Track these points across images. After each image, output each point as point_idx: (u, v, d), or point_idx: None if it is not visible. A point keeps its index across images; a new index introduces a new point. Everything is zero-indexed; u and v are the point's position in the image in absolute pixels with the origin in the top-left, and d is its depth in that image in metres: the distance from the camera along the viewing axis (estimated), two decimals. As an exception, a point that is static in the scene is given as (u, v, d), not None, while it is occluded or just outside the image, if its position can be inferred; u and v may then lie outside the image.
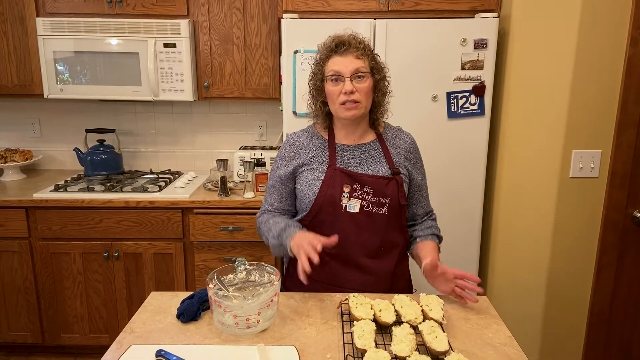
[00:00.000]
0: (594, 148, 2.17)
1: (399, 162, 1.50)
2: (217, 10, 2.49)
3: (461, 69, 2.19)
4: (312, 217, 1.47)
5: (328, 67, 1.42)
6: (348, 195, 1.43)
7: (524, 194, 2.25)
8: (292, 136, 1.56)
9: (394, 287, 1.52)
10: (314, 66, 1.49)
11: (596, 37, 2.06)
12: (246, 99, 2.61)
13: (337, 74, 1.40)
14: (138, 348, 1.17)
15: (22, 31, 2.51)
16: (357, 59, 1.40)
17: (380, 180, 1.44)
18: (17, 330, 2.53)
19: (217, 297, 1.23)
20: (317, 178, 1.46)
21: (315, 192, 1.44)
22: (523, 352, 1.19)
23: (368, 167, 1.47)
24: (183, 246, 2.44)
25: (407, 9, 2.30)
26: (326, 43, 1.45)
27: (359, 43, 1.42)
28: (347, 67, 1.39)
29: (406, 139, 1.56)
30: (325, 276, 1.46)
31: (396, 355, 1.10)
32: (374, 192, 1.43)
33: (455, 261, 2.35)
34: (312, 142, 1.51)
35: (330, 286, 1.47)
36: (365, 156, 1.48)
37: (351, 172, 1.44)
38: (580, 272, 2.29)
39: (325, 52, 1.44)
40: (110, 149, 2.76)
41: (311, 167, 1.48)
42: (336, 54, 1.42)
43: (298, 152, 1.51)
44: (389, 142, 1.52)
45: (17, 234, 2.40)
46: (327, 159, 1.47)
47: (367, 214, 1.44)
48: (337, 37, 1.43)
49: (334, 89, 1.41)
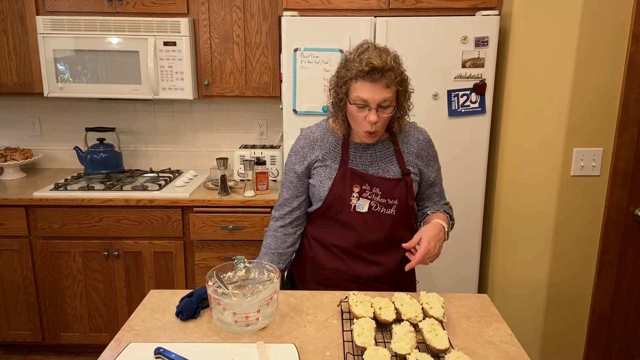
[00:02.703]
0: (595, 146, 2.16)
1: (410, 161, 1.51)
2: (217, 8, 2.49)
3: (462, 67, 2.18)
4: (322, 213, 1.51)
5: (356, 90, 1.36)
6: (357, 195, 1.46)
7: (525, 192, 2.24)
8: (306, 131, 1.55)
9: (399, 279, 1.55)
10: (339, 76, 1.41)
11: (597, 35, 2.06)
12: (246, 97, 2.61)
13: (365, 102, 1.36)
14: (137, 346, 1.17)
15: (22, 29, 2.50)
16: (386, 88, 1.35)
17: (390, 182, 1.46)
18: (17, 329, 2.52)
19: (216, 294, 1.22)
20: (328, 176, 1.48)
21: (326, 190, 1.47)
22: (524, 350, 1.19)
23: (379, 166, 1.48)
24: (183, 245, 2.44)
25: (407, 7, 2.30)
26: (359, 61, 1.34)
27: (390, 70, 1.34)
28: (375, 97, 1.34)
29: (419, 136, 1.54)
30: (336, 265, 1.52)
31: (396, 353, 1.09)
32: (382, 193, 1.46)
33: (456, 260, 2.34)
34: (325, 138, 1.51)
35: (340, 274, 1.52)
36: (377, 155, 1.49)
37: (362, 172, 1.46)
38: (581, 270, 2.28)
39: (356, 72, 1.35)
40: (110, 148, 2.76)
41: (324, 164, 1.49)
42: (367, 79, 1.34)
43: (312, 148, 1.51)
44: (402, 141, 1.52)
45: (17, 232, 2.40)
46: (339, 157, 1.48)
47: (375, 214, 1.46)
48: (371, 62, 1.32)
49: (358, 114, 1.38)
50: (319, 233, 1.54)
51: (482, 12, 2.20)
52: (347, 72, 1.37)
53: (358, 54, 1.37)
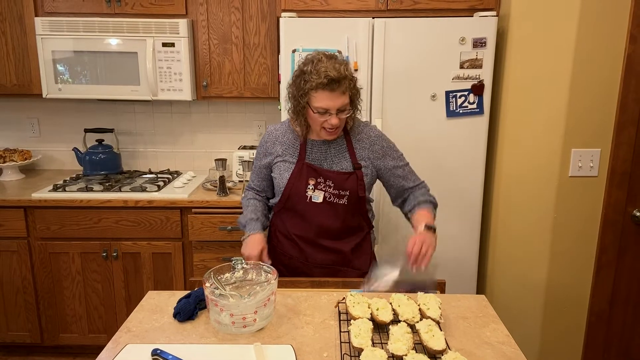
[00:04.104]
0: (593, 147, 2.17)
1: (363, 155, 1.64)
2: (216, 9, 2.49)
3: (460, 67, 2.18)
4: (282, 204, 1.68)
5: (316, 100, 1.50)
6: (313, 188, 1.62)
7: (523, 193, 2.25)
8: (270, 128, 1.73)
9: (354, 264, 1.69)
10: (298, 88, 1.54)
11: (595, 35, 2.06)
12: (245, 98, 2.61)
13: (326, 110, 1.51)
14: (134, 347, 1.17)
15: (20, 31, 2.51)
16: (343, 95, 1.51)
17: (341, 176, 1.61)
18: (15, 330, 2.52)
19: (213, 296, 1.22)
20: (287, 170, 1.64)
21: (284, 182, 1.63)
22: (521, 351, 1.19)
23: (333, 161, 1.63)
24: (182, 246, 2.44)
25: (405, 8, 2.30)
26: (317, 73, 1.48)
27: (345, 78, 1.50)
28: (335, 104, 1.50)
29: (370, 133, 1.67)
30: (295, 252, 1.69)
31: (393, 354, 1.09)
32: (335, 185, 1.61)
33: (455, 260, 2.34)
34: (286, 135, 1.68)
35: (299, 261, 1.69)
36: (332, 152, 1.64)
37: (317, 167, 1.62)
38: (579, 271, 2.28)
39: (315, 84, 1.48)
40: (109, 149, 2.76)
41: (284, 159, 1.65)
42: (326, 89, 1.48)
43: (273, 144, 1.68)
44: (354, 138, 1.65)
45: (16, 233, 2.40)
46: (297, 153, 1.64)
47: (329, 203, 1.62)
48: (328, 74, 1.46)
49: (319, 119, 1.53)
50: (283, 226, 1.70)
51: (479, 13, 2.20)
52: (306, 83, 1.50)
53: (313, 65, 1.50)
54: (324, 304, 1.39)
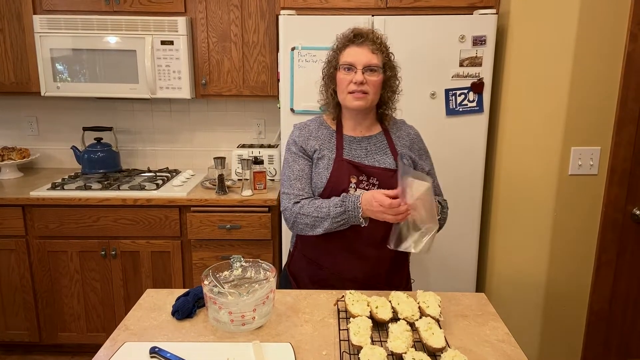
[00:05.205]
0: (593, 145, 2.16)
1: (404, 153, 1.53)
2: (215, 7, 2.48)
3: (459, 65, 2.18)
4: None
5: (343, 57, 1.46)
6: (355, 186, 1.46)
7: (523, 191, 2.24)
8: (300, 124, 1.58)
9: (391, 277, 1.55)
10: (329, 54, 1.52)
11: (595, 33, 2.05)
12: (244, 96, 2.60)
13: (350, 64, 1.43)
14: (132, 345, 1.16)
15: (18, 28, 2.50)
16: (371, 53, 1.43)
17: (386, 172, 1.46)
18: (14, 329, 2.52)
19: (212, 293, 1.22)
20: (325, 167, 1.48)
21: (324, 181, 1.47)
22: (521, 349, 1.18)
23: (374, 158, 1.49)
24: (181, 244, 2.43)
25: (405, 6, 2.29)
26: (345, 33, 1.49)
27: (377, 38, 1.46)
28: (361, 58, 1.43)
29: (410, 130, 1.60)
30: (328, 261, 1.51)
31: (392, 352, 1.09)
32: (380, 183, 1.46)
33: (454, 258, 2.34)
34: (320, 130, 1.54)
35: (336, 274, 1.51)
36: (372, 148, 1.51)
37: (358, 163, 1.47)
38: (579, 269, 2.28)
39: (342, 41, 1.47)
40: (107, 147, 2.75)
41: (321, 155, 1.49)
42: (353, 44, 1.45)
43: (307, 139, 1.53)
44: (394, 135, 1.55)
45: (14, 232, 2.39)
46: (334, 148, 1.50)
47: None
48: (357, 29, 1.46)
49: (345, 77, 1.44)
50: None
51: (479, 10, 2.19)
52: (336, 44, 1.48)
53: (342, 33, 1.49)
54: (323, 302, 1.39)
